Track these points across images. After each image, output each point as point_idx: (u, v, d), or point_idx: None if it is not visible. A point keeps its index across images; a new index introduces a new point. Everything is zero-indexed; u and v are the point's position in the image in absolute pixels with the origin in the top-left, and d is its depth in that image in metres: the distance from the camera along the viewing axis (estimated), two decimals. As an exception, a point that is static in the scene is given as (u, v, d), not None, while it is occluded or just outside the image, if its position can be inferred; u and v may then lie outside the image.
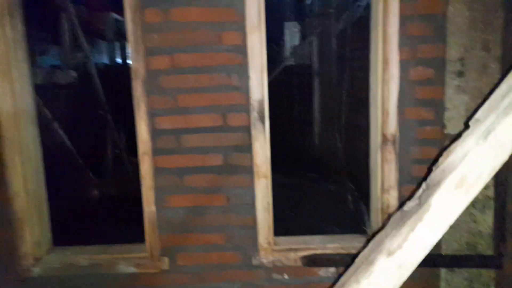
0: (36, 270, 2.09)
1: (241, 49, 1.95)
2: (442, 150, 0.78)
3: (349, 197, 3.79)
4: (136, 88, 1.97)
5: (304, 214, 3.82)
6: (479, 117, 0.73)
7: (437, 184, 0.70)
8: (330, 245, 2.09)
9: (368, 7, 3.17)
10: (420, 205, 0.71)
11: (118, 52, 9.44)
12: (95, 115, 5.20)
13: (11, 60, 1.96)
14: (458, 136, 0.74)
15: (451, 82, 1.93)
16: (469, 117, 0.79)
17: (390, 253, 0.71)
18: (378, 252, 0.73)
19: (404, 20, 1.93)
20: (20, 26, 2.04)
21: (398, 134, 1.98)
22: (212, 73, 1.97)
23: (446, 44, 1.92)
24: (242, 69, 1.97)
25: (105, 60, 9.23)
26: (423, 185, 0.73)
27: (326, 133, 5.83)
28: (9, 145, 2.01)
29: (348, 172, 4.10)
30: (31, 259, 2.10)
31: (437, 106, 1.97)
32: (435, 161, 0.72)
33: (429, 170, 0.78)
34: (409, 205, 0.75)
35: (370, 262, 0.74)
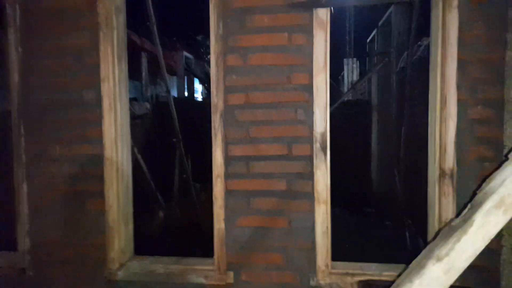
0: (120, 274, 2.41)
1: (308, 88, 2.21)
2: (485, 177, 0.93)
3: (407, 233, 3.77)
4: (215, 120, 2.28)
5: (361, 250, 3.84)
6: (516, 151, 0.88)
7: (480, 204, 0.85)
8: (386, 273, 2.17)
9: (428, 48, 3.31)
10: (465, 221, 0.86)
11: (186, 86, 10.29)
12: (164, 143, 5.72)
13: (117, 95, 2.39)
14: (499, 166, 0.89)
15: (510, 122, 2.01)
16: (510, 150, 0.94)
17: (439, 259, 0.86)
18: (429, 258, 0.88)
19: (462, 63, 2.06)
20: (125, 67, 2.49)
21: (455, 169, 2.07)
22: (280, 108, 2.24)
23: (505, 86, 2.02)
24: (308, 105, 2.21)
25: (175, 93, 10.09)
26: (468, 205, 0.88)
27: (384, 168, 5.82)
28: (108, 165, 2.40)
29: (406, 207, 4.09)
30: (117, 264, 2.42)
31: (496, 144, 2.04)
32: (479, 186, 0.87)
33: (474, 194, 0.93)
34: (456, 221, 0.90)
35: (422, 266, 0.89)
